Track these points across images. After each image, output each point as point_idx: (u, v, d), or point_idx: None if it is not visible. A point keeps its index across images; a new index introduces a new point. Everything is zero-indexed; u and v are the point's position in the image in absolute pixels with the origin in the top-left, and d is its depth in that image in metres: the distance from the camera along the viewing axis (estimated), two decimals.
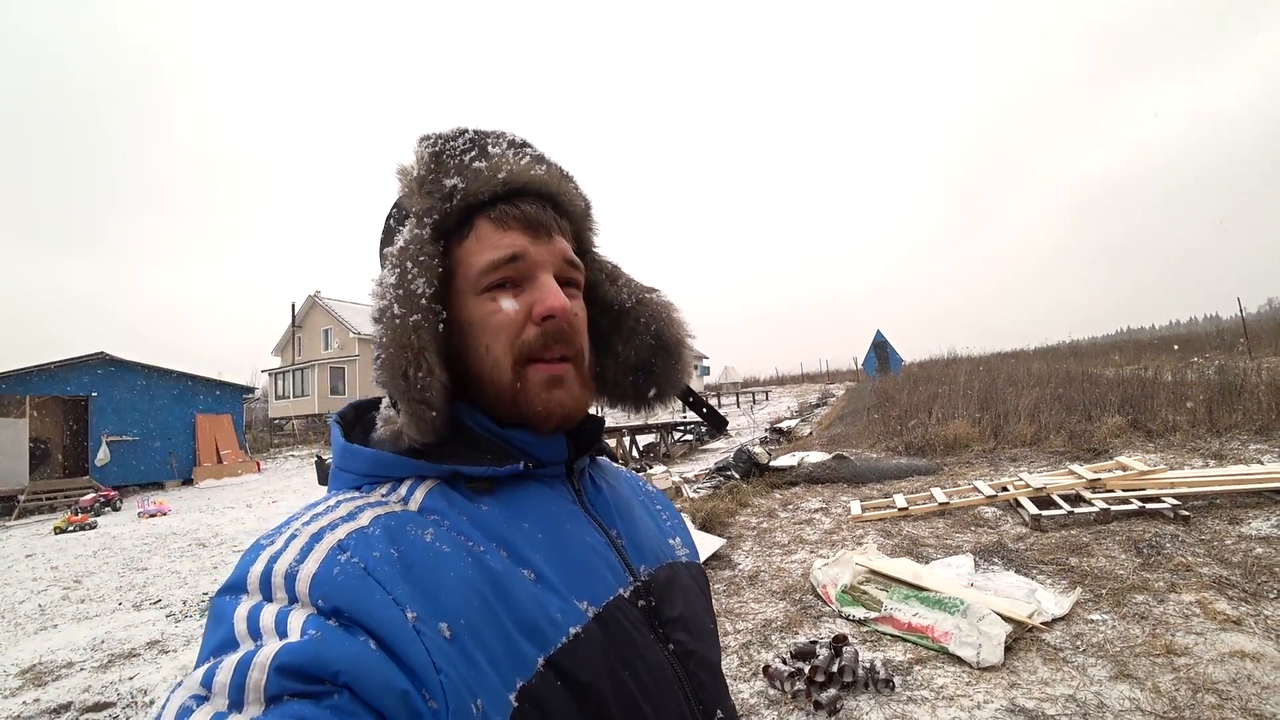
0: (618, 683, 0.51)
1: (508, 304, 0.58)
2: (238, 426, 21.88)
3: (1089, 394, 10.10)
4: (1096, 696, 2.90)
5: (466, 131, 0.61)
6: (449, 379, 0.57)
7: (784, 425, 16.76)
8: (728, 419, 0.64)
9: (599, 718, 0.49)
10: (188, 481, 19.45)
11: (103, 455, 18.09)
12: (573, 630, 0.50)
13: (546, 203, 0.61)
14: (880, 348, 20.64)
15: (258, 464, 21.07)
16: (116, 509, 14.35)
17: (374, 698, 0.40)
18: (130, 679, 4.29)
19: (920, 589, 3.82)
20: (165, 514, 12.67)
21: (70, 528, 11.44)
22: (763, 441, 13.22)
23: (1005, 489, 6.17)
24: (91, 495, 14.29)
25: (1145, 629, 3.44)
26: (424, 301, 0.56)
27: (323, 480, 10.01)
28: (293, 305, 33.47)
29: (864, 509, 6.45)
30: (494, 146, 0.60)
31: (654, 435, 15.45)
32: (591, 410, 0.67)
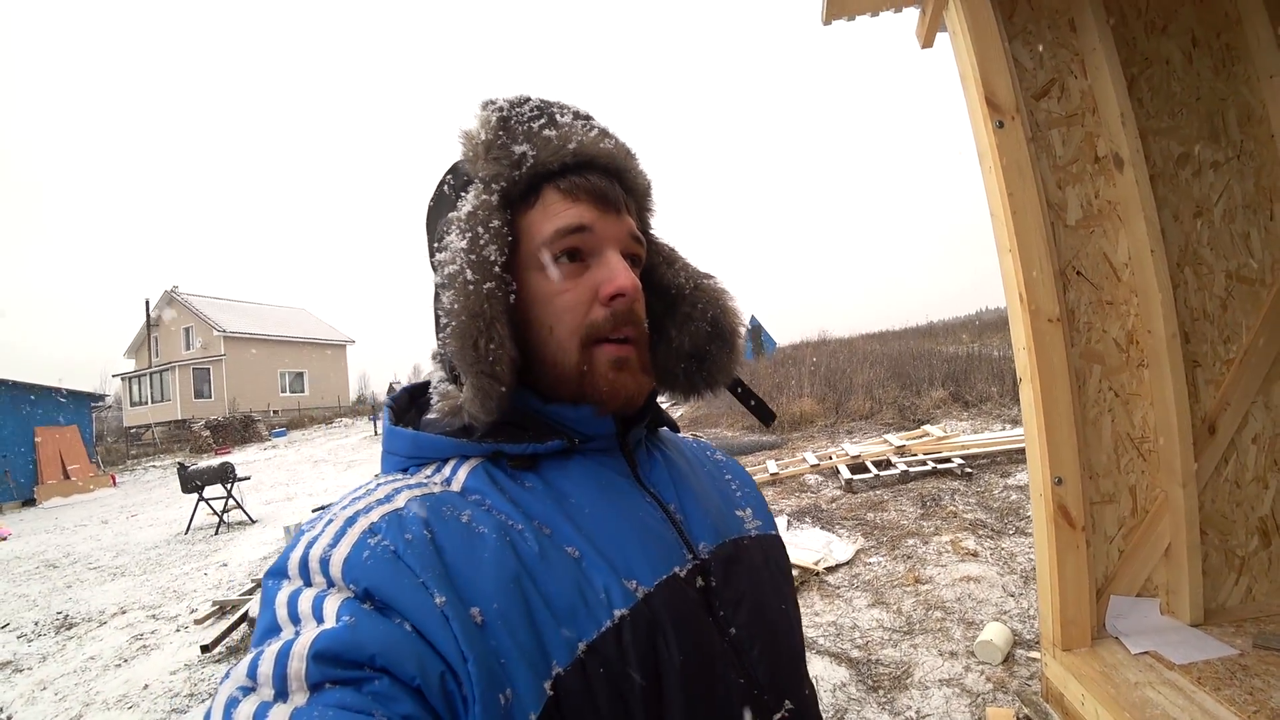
0: (667, 671, 0.47)
1: (573, 284, 0.56)
2: (86, 438, 20.02)
3: (920, 370, 11.25)
4: (852, 620, 3.51)
5: (531, 99, 0.58)
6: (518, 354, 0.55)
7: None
8: (775, 412, 0.75)
9: (645, 710, 0.46)
10: (29, 502, 17.71)
11: None
12: (618, 613, 0.47)
13: (613, 178, 0.58)
14: (755, 332, 21.65)
15: (112, 477, 19.39)
16: None
17: (412, 680, 0.40)
18: None
19: None
20: (4, 538, 11.69)
21: None
22: None
23: (830, 458, 6.94)
24: None
25: (906, 566, 4.14)
26: (497, 269, 0.53)
27: (185, 489, 9.45)
28: (147, 302, 30.73)
29: None
30: (561, 116, 0.57)
31: None
32: None
